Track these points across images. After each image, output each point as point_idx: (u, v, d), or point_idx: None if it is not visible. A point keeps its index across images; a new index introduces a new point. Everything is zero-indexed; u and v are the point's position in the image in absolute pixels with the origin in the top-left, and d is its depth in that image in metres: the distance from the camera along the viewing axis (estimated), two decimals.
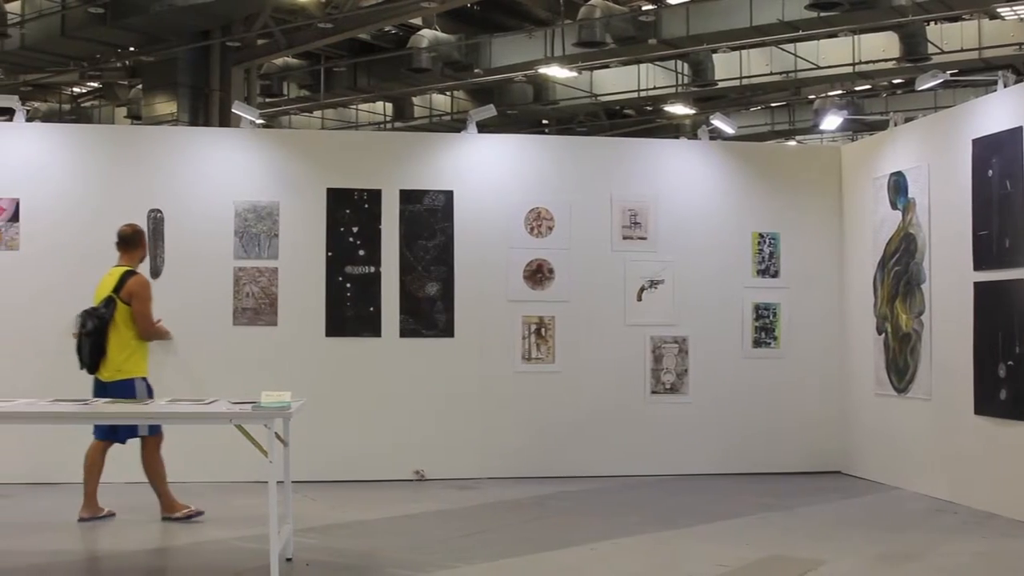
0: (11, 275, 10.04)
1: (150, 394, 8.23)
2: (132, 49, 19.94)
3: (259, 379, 8.24)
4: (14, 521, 8.40)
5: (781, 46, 19.76)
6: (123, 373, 8.21)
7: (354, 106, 26.05)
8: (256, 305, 10.30)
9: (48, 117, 24.29)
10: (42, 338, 9.97)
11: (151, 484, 8.37)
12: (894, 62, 18.76)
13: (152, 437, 8.32)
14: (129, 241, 8.50)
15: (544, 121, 26.75)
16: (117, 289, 8.25)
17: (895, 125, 10.60)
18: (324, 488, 9.58)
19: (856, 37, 18.81)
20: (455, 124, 23.71)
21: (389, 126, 25.66)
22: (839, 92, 22.84)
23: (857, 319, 10.78)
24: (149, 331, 8.34)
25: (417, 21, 19.70)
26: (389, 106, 25.81)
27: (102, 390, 8.18)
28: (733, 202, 11.09)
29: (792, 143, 25.65)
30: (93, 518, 8.27)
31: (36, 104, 24.55)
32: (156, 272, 10.20)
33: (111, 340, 8.21)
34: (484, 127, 11.27)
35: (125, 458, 8.42)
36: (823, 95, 23.18)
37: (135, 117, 23.17)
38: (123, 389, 8.11)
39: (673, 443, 10.78)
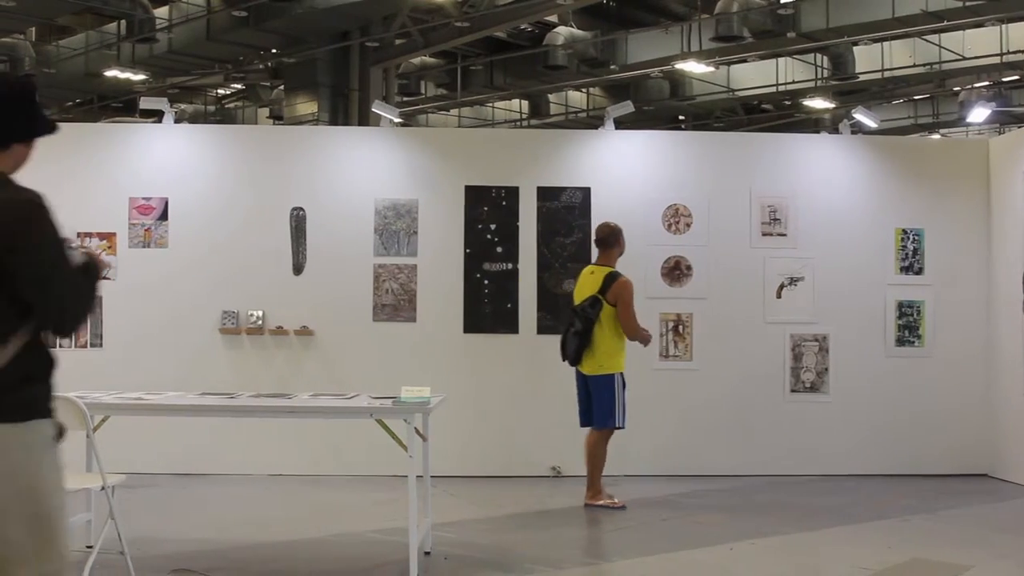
0: (161, 272, 10.34)
1: (624, 388, 8.76)
2: (274, 51, 20.44)
3: (398, 375, 8.36)
4: (162, 507, 8.66)
5: (925, 37, 19.28)
6: (604, 369, 8.71)
7: (490, 104, 26.23)
8: (395, 301, 10.43)
9: (194, 118, 24.99)
10: (189, 333, 10.26)
11: (587, 468, 8.90)
12: None
13: (612, 429, 8.84)
14: (605, 240, 8.95)
15: (681, 117, 26.57)
16: (603, 290, 8.69)
17: None
18: (462, 483, 9.67)
19: (1004, 26, 18.22)
20: (591, 121, 23.70)
21: (525, 123, 25.76)
22: (986, 83, 22.18)
23: (1006, 317, 10.46)
24: (633, 332, 8.77)
25: (553, 18, 19.76)
26: (525, 103, 25.92)
27: (583, 381, 8.86)
28: (875, 198, 10.86)
29: (937, 137, 25.02)
30: (600, 505, 8.85)
31: (183, 106, 25.27)
32: (299, 269, 10.41)
33: (596, 338, 8.70)
34: (620, 123, 11.24)
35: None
36: (969, 87, 22.55)
37: (277, 117, 23.72)
38: (603, 384, 8.71)
39: (813, 442, 10.60)
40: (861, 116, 11.71)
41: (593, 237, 9.16)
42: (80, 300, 3.55)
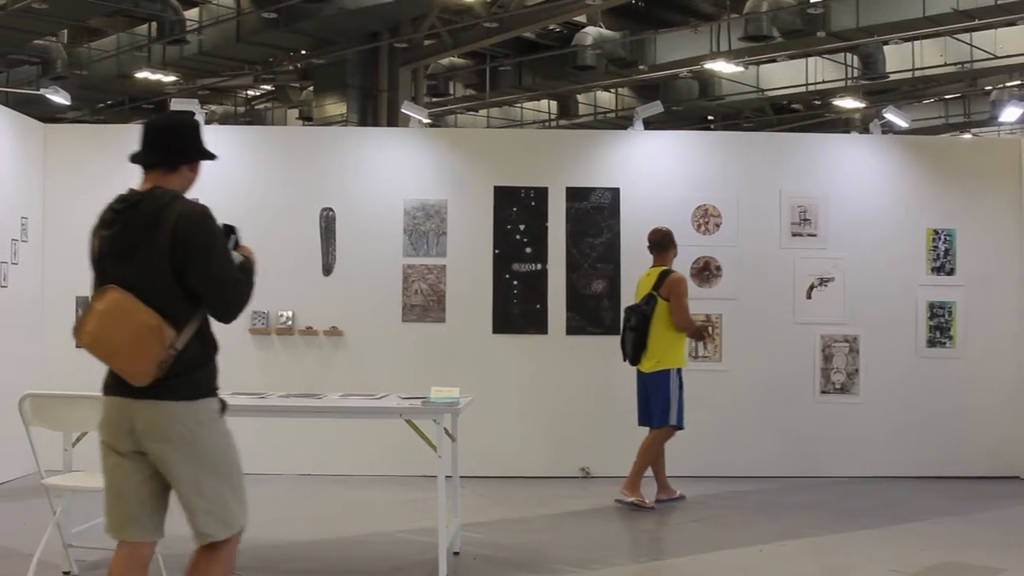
0: None
1: (681, 385, 8.90)
2: (303, 52, 20.48)
3: (428, 375, 8.37)
4: None
5: (956, 36, 19.15)
6: (661, 364, 8.86)
7: (519, 104, 26.21)
8: (425, 302, 10.45)
9: (224, 120, 25.11)
10: (219, 333, 10.27)
11: (636, 461, 8.93)
12: None
13: (671, 428, 8.94)
14: (659, 244, 9.12)
15: (710, 117, 26.48)
16: (657, 286, 8.86)
17: None
18: (491, 483, 9.68)
19: None
20: (620, 121, 23.67)
21: (554, 124, 25.74)
22: (1018, 82, 22.02)
23: None
24: (685, 324, 8.90)
25: (582, 19, 19.73)
26: (554, 104, 25.90)
27: (642, 380, 8.98)
28: (906, 198, 10.79)
29: (968, 136, 24.85)
30: (669, 500, 9.06)
31: (213, 107, 25.37)
32: (328, 269, 10.44)
33: (652, 334, 8.86)
34: (649, 124, 11.22)
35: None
36: (1001, 86, 22.39)
37: (306, 118, 23.78)
38: (659, 379, 8.86)
39: (843, 444, 10.54)
40: (892, 116, 11.65)
41: (647, 243, 9.18)
42: (240, 293, 4.37)
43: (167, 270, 4.14)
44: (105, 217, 4.33)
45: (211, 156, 4.51)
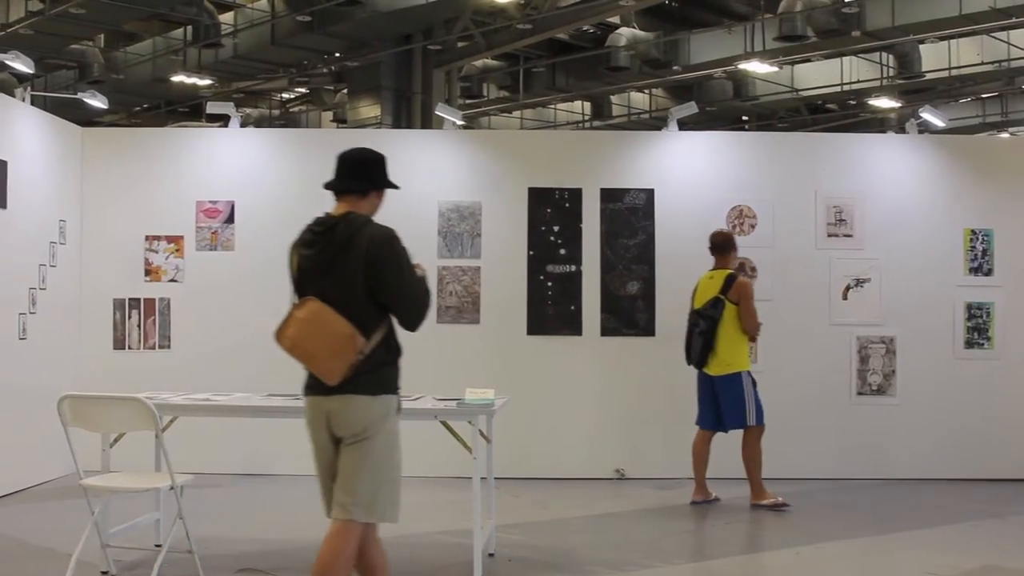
0: (227, 275, 10.44)
1: (754, 386, 8.98)
2: (338, 55, 20.55)
3: (462, 376, 8.35)
4: (229, 507, 8.74)
5: (993, 34, 19.00)
6: (731, 367, 8.93)
7: (552, 106, 26.19)
8: (459, 303, 10.46)
9: (259, 123, 25.19)
10: (255, 335, 10.31)
11: (746, 471, 9.01)
12: None
13: (756, 427, 8.99)
14: (722, 246, 9.20)
15: (744, 117, 26.39)
16: (724, 291, 8.92)
17: None
18: (525, 485, 9.67)
19: None
20: (654, 122, 23.62)
21: (587, 125, 25.71)
22: None
23: None
24: (754, 328, 8.98)
25: (615, 19, 19.70)
26: (587, 105, 25.86)
27: (708, 384, 9.04)
28: (943, 198, 10.71)
29: (1006, 135, 24.65)
30: (705, 501, 9.06)
31: (248, 110, 25.48)
32: None
33: (720, 337, 8.91)
34: (683, 124, 11.19)
35: None
36: None
37: (341, 121, 23.86)
38: (731, 382, 8.92)
39: (879, 446, 10.48)
40: (928, 115, 11.57)
41: (708, 245, 9.21)
42: (425, 305, 4.95)
43: (361, 285, 4.77)
44: (305, 238, 5.12)
45: (395, 186, 5.12)
